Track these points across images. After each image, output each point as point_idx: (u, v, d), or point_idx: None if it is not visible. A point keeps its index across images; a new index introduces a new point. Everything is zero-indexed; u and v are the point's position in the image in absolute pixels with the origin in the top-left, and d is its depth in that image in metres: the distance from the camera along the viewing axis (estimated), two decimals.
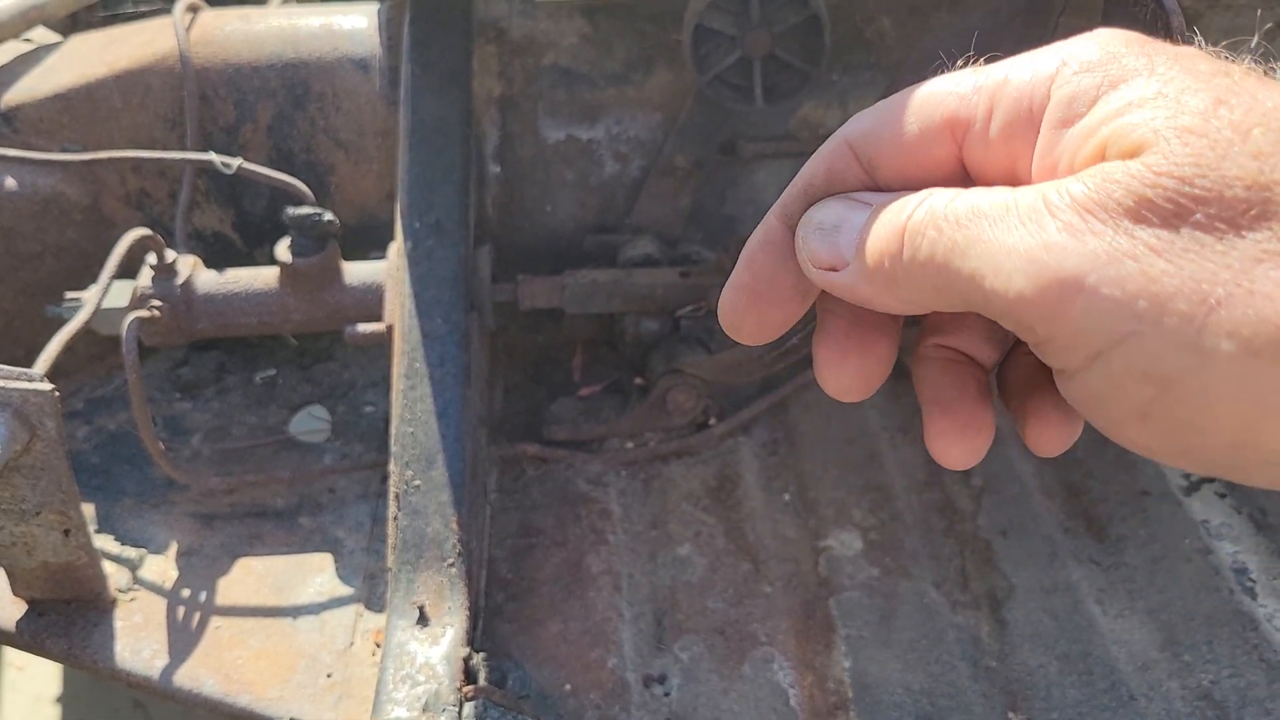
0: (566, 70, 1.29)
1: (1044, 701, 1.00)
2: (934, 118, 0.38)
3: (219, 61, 1.29)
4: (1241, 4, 1.29)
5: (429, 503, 1.00)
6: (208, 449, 1.25)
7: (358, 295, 1.18)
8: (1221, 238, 0.29)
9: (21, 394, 0.86)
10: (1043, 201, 0.32)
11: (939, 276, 0.34)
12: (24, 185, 1.25)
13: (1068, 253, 0.31)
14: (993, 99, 0.36)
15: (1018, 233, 0.32)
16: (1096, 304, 0.30)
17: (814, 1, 1.12)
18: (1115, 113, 0.32)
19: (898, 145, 0.39)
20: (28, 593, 1.02)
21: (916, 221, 0.35)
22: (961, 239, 0.33)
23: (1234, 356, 0.29)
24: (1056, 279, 0.31)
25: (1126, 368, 0.31)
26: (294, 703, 0.98)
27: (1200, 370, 0.29)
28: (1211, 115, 0.31)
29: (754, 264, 0.42)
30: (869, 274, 0.37)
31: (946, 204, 0.35)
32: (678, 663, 1.02)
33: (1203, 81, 0.32)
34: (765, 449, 1.26)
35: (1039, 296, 0.31)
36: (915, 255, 0.35)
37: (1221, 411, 0.30)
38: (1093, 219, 0.31)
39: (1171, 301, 0.29)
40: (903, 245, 0.35)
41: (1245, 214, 0.29)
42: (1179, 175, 0.30)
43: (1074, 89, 0.34)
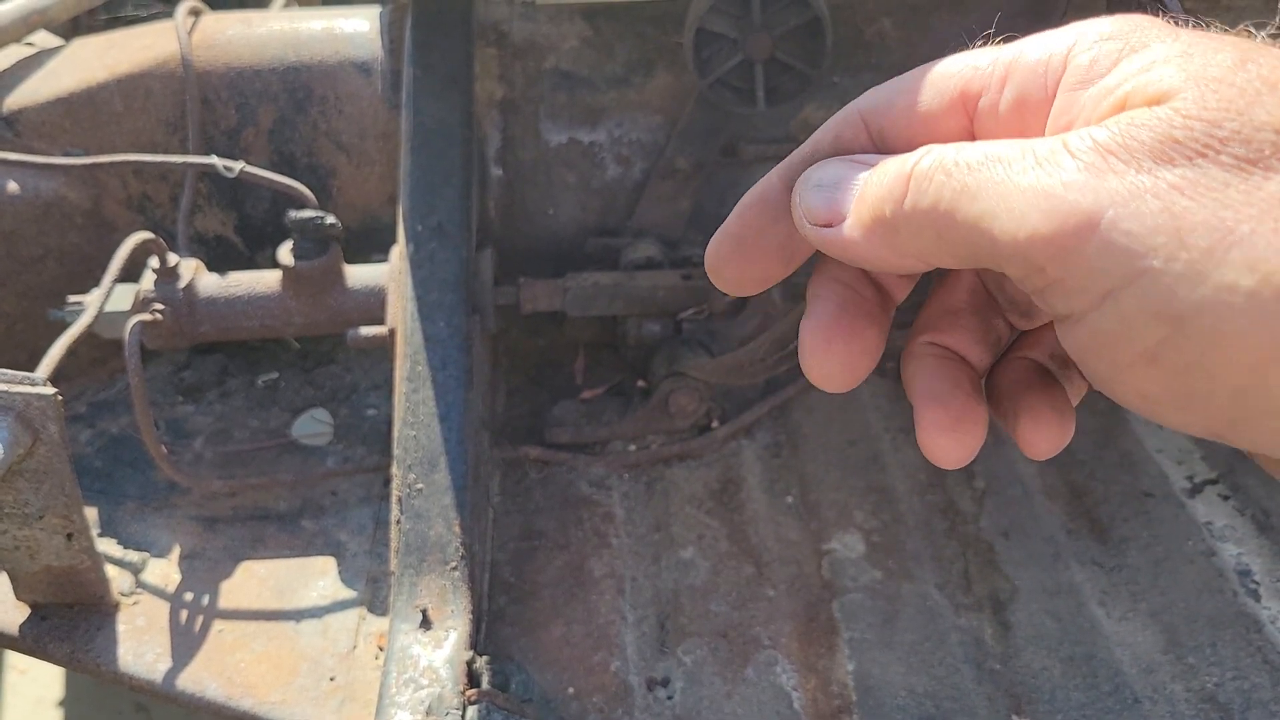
0: (568, 73, 1.29)
1: (1048, 704, 0.99)
2: (947, 90, 0.37)
3: (220, 65, 1.29)
4: (1243, 6, 1.29)
5: (431, 506, 1.00)
6: (210, 452, 1.25)
7: (360, 298, 1.18)
8: (1248, 178, 0.29)
9: (24, 398, 0.86)
10: (1062, 145, 0.31)
11: (943, 222, 0.33)
12: (26, 189, 1.25)
13: (1086, 189, 0.30)
14: (1008, 70, 0.36)
15: (1034, 173, 0.31)
16: (1114, 239, 0.30)
17: (815, 4, 1.12)
18: (1139, 70, 0.32)
19: (909, 116, 0.38)
20: (30, 596, 1.02)
21: (924, 167, 0.34)
22: (972, 181, 0.32)
23: (1252, 292, 0.28)
24: (1074, 213, 0.30)
25: (1139, 305, 0.30)
26: (297, 706, 0.98)
27: (1215, 306, 0.29)
28: (1239, 69, 0.31)
29: (745, 215, 0.41)
30: (867, 225, 0.36)
31: (957, 150, 0.34)
32: (681, 666, 1.02)
33: (1227, 44, 0.32)
34: (768, 451, 1.26)
35: (1054, 233, 0.30)
36: (919, 201, 0.34)
37: (1233, 351, 0.29)
38: (1115, 159, 0.30)
39: (1191, 235, 0.29)
40: (906, 190, 0.34)
41: (1274, 156, 0.29)
42: (1207, 118, 0.30)
43: (1094, 54, 0.34)
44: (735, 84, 1.18)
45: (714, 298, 1.21)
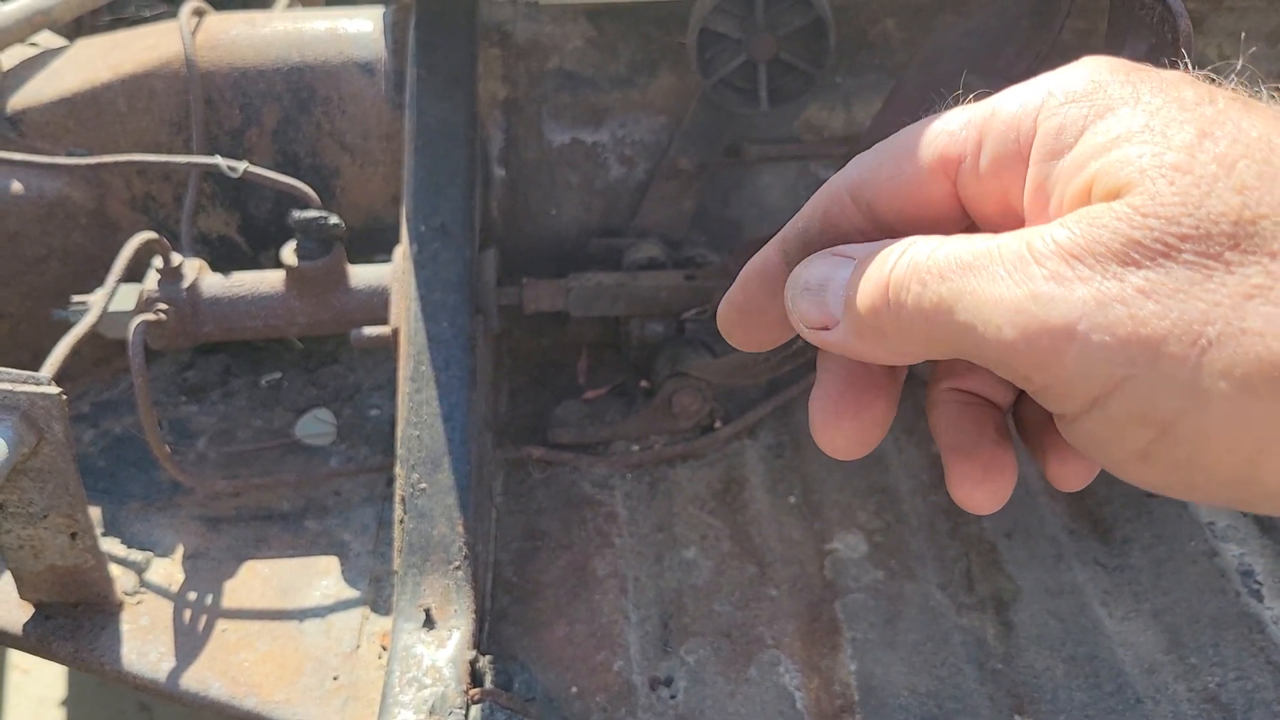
0: (571, 74, 1.29)
1: (1050, 704, 0.99)
2: (926, 157, 0.38)
3: (224, 65, 1.29)
4: (1245, 6, 1.29)
5: (435, 506, 1.00)
6: (213, 452, 1.25)
7: (363, 298, 1.18)
8: (1210, 275, 0.29)
9: (29, 397, 0.86)
10: (1027, 249, 0.32)
11: (928, 329, 0.34)
12: (30, 189, 1.25)
13: (1056, 302, 0.31)
14: (981, 133, 0.37)
15: (1003, 283, 0.32)
16: (1089, 351, 0.30)
17: (819, 4, 1.12)
18: (1103, 147, 0.32)
19: (894, 187, 0.39)
20: (34, 596, 1.02)
21: (899, 275, 0.35)
22: (947, 292, 0.33)
23: (1229, 396, 0.29)
24: (1046, 329, 0.31)
25: (1124, 412, 0.31)
26: (300, 705, 0.98)
27: (1197, 411, 0.30)
28: (1197, 149, 0.31)
29: (748, 288, 0.43)
30: (859, 330, 0.37)
31: (929, 255, 0.34)
32: (684, 665, 1.02)
33: (1188, 111, 0.32)
34: (771, 452, 1.26)
35: (1030, 347, 0.31)
36: (902, 310, 0.35)
37: (1221, 450, 0.30)
38: (1079, 265, 0.31)
39: (1163, 344, 0.29)
40: (888, 300, 0.35)
41: (1232, 249, 0.29)
42: (1165, 215, 0.30)
43: (1061, 120, 0.34)
44: (739, 84, 1.18)
45: (716, 298, 1.21)
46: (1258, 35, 1.30)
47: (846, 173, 0.41)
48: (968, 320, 0.33)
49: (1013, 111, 0.36)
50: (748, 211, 1.35)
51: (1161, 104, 0.32)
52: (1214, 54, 1.31)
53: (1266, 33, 1.30)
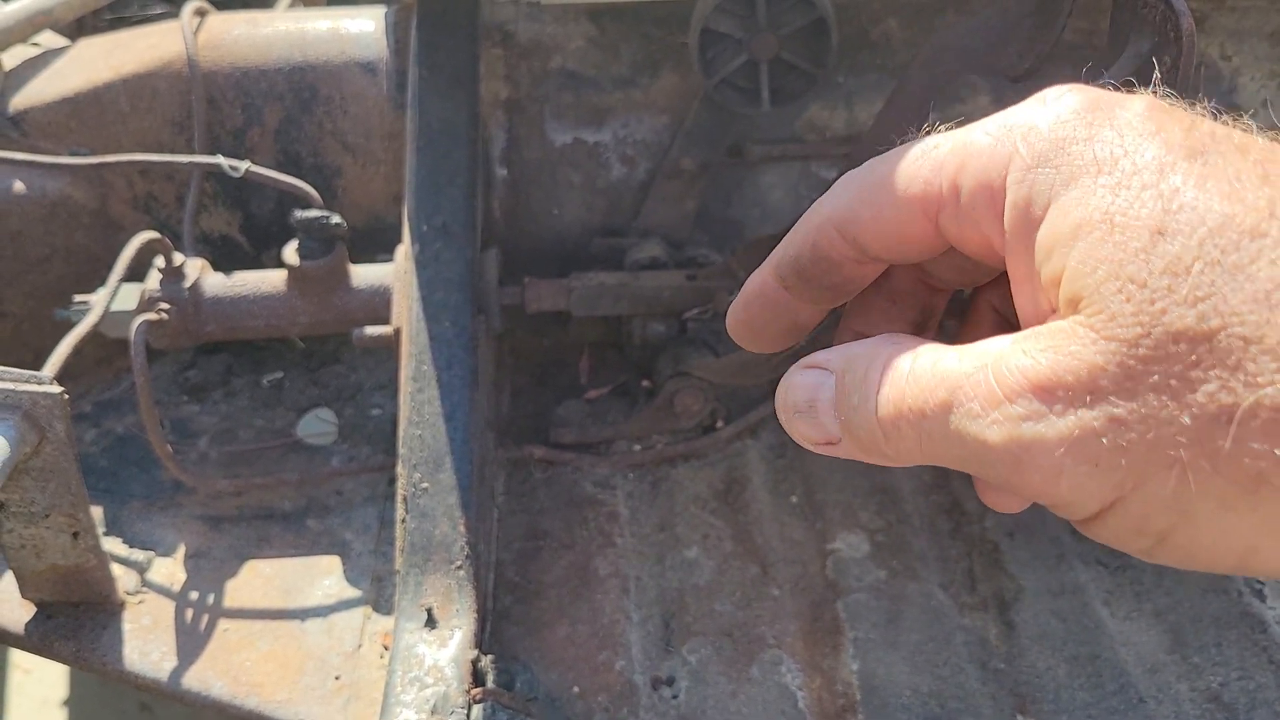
0: (573, 73, 1.29)
1: (1053, 704, 0.99)
2: (905, 198, 0.39)
3: (226, 65, 1.29)
4: (1247, 5, 1.29)
5: (437, 505, 1.00)
6: (215, 451, 1.25)
7: (365, 298, 1.18)
8: (1177, 395, 0.30)
9: (31, 397, 0.86)
10: (997, 384, 0.33)
11: (930, 459, 0.36)
12: (32, 189, 1.25)
13: (1037, 444, 0.32)
14: (954, 181, 0.37)
15: (984, 425, 0.33)
16: (1078, 482, 0.32)
17: (820, 4, 1.12)
18: (1068, 237, 0.33)
19: (878, 225, 0.40)
20: (36, 595, 1.02)
21: (886, 416, 0.37)
22: (937, 433, 0.35)
23: (1213, 512, 0.30)
24: (1036, 469, 0.32)
25: (1122, 526, 0.33)
26: (302, 705, 0.98)
27: (1186, 525, 0.31)
28: (1151, 253, 0.31)
29: (749, 309, 0.46)
30: (864, 453, 0.39)
31: (904, 388, 0.36)
32: (686, 665, 1.02)
33: (1149, 190, 0.32)
34: (772, 452, 1.26)
35: (1025, 484, 0.33)
36: (899, 445, 0.37)
37: (1215, 552, 0.32)
38: (1052, 399, 0.32)
39: (1145, 468, 0.31)
40: (883, 434, 0.37)
41: (1195, 367, 0.30)
42: (1124, 338, 0.31)
43: (1029, 190, 0.35)
44: (740, 84, 1.18)
45: (719, 298, 1.21)
46: (1259, 34, 1.30)
47: (831, 205, 0.42)
48: (961, 458, 0.35)
49: (982, 164, 0.36)
50: (750, 211, 1.35)
51: (1121, 176, 0.33)
52: (1216, 52, 1.31)
53: (1269, 32, 1.30)
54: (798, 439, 0.42)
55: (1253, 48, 1.31)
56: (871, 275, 0.44)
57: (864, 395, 0.37)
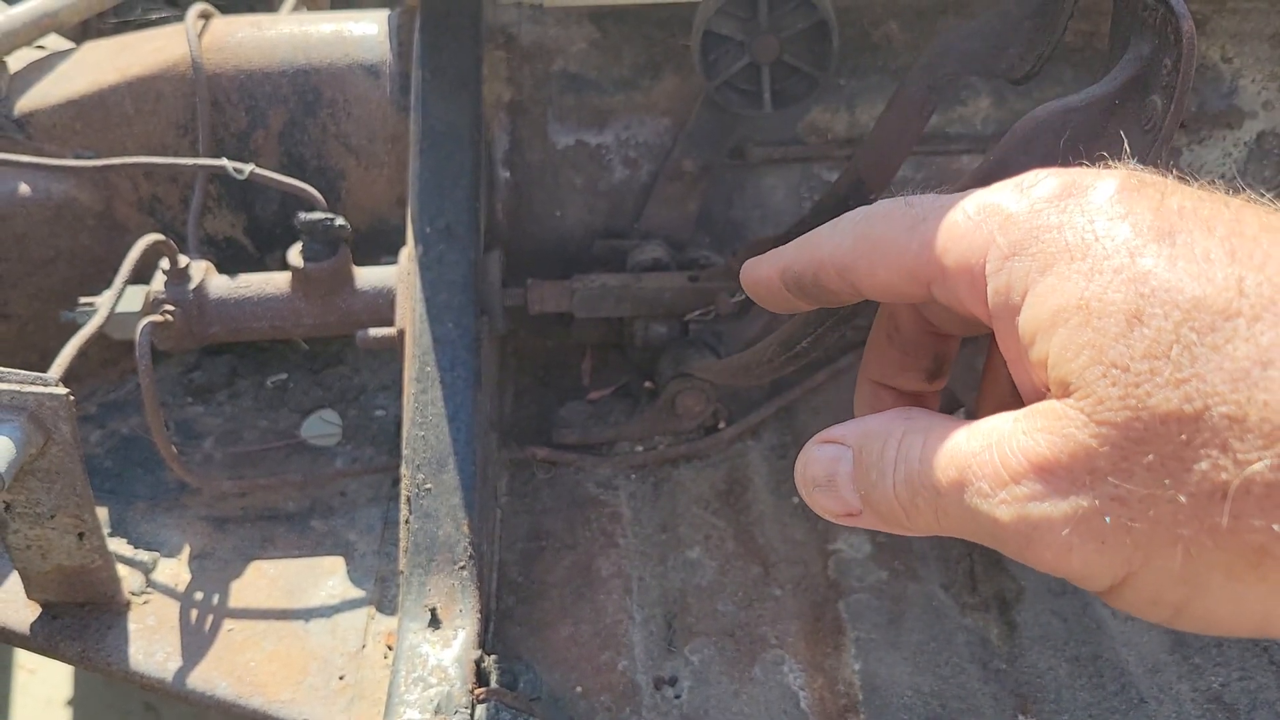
0: (575, 76, 1.29)
1: (1054, 704, 1.00)
2: (898, 265, 0.40)
3: (230, 68, 1.30)
4: (1248, 7, 1.29)
5: (440, 506, 1.01)
6: (220, 452, 1.26)
7: (369, 300, 1.19)
8: (1173, 475, 0.31)
9: (37, 398, 0.87)
10: (1002, 466, 0.34)
11: (949, 532, 0.38)
12: (37, 191, 1.26)
13: (1045, 525, 0.33)
14: (939, 266, 0.39)
15: (996, 505, 0.34)
16: (1089, 559, 0.33)
17: (822, 7, 1.13)
18: (1048, 324, 0.34)
19: (873, 279, 0.42)
20: (42, 596, 1.02)
21: (902, 495, 0.38)
22: (953, 510, 0.36)
23: (1224, 585, 0.31)
24: (1048, 548, 0.33)
25: (1139, 597, 0.33)
26: (306, 705, 0.98)
27: (1201, 597, 0.32)
28: (1129, 338, 0.32)
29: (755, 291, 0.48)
30: (885, 524, 0.40)
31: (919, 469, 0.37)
32: (688, 665, 1.03)
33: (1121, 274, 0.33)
34: (774, 452, 1.26)
35: (1040, 561, 0.34)
36: (919, 520, 0.38)
37: (1234, 620, 0.32)
38: (1054, 479, 0.33)
39: (1152, 546, 0.32)
40: (903, 511, 0.39)
41: (1186, 447, 0.31)
42: (1115, 421, 0.32)
43: (1007, 279, 0.36)
44: (742, 86, 1.19)
45: (720, 299, 1.21)
46: (1260, 37, 1.30)
47: (831, 248, 0.44)
48: (977, 534, 0.36)
49: (962, 251, 0.38)
50: (751, 213, 1.36)
51: (1094, 261, 0.33)
52: (1217, 55, 1.32)
53: (1269, 35, 1.30)
54: (818, 511, 0.43)
55: (1254, 50, 1.31)
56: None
57: (881, 472, 0.39)
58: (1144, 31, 0.54)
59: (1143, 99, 0.52)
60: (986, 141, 1.31)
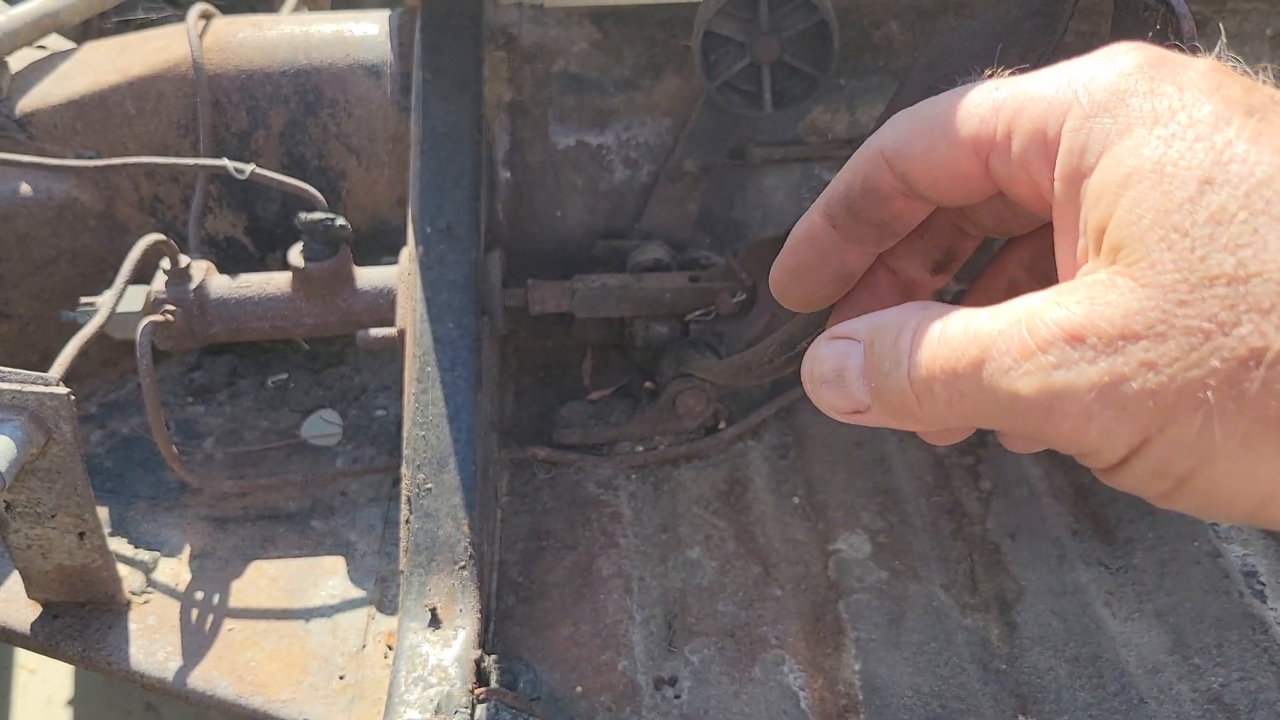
0: (576, 76, 1.29)
1: (1054, 704, 1.00)
2: (957, 138, 0.39)
3: (231, 68, 1.30)
4: (1249, 8, 1.29)
5: (441, 506, 1.01)
6: (220, 452, 1.26)
7: (370, 300, 1.19)
8: (1208, 338, 0.31)
9: (38, 398, 0.87)
10: (1029, 335, 0.34)
11: (958, 419, 0.37)
12: (39, 191, 1.26)
13: (1068, 391, 0.33)
14: (1010, 124, 0.38)
15: (1016, 378, 0.34)
16: (1106, 427, 0.33)
17: (822, 7, 1.13)
18: (1118, 186, 0.34)
19: (928, 161, 0.41)
20: (42, 595, 1.02)
21: (918, 379, 0.37)
22: (969, 390, 0.36)
23: (1234, 455, 0.31)
24: (1066, 416, 0.33)
25: (1145, 469, 0.33)
26: (307, 704, 0.99)
27: (1207, 468, 0.32)
28: (1198, 202, 0.32)
29: (796, 251, 0.46)
30: (893, 418, 0.40)
31: (937, 351, 0.37)
32: (688, 665, 1.03)
33: (1201, 141, 0.33)
34: (775, 453, 1.26)
35: (1056, 432, 0.34)
36: (931, 407, 0.37)
37: (1233, 497, 0.32)
38: (1083, 346, 0.33)
39: (1172, 411, 0.31)
40: (915, 399, 0.38)
41: (1229, 310, 0.31)
42: (1163, 284, 0.32)
43: (1085, 139, 0.35)
44: (743, 87, 1.19)
45: (721, 299, 1.21)
46: (1260, 37, 1.30)
47: (884, 137, 0.42)
48: (992, 413, 0.35)
49: (1040, 111, 0.37)
50: (752, 214, 1.36)
51: (1177, 129, 0.33)
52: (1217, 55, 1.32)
53: (1270, 35, 1.30)
54: (825, 409, 0.42)
55: (1254, 50, 1.31)
56: (918, 217, 0.44)
57: (895, 360, 0.38)
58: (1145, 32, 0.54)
59: None
60: None
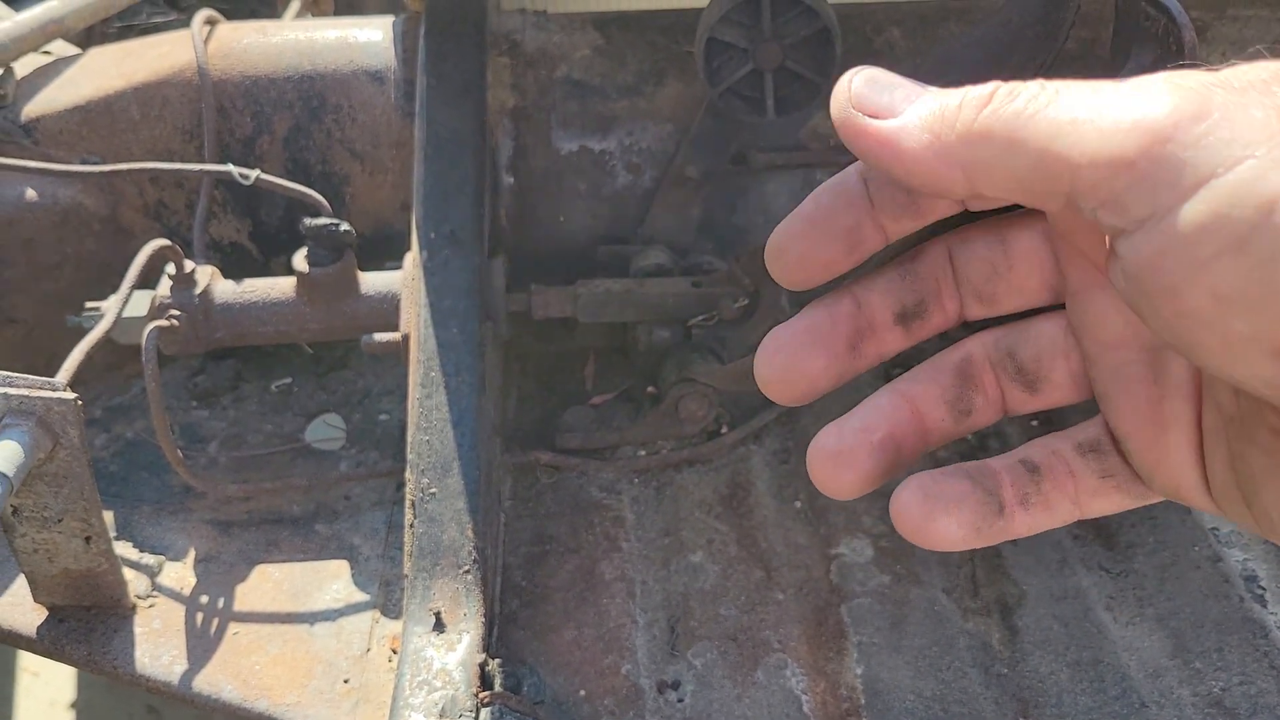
0: (579, 82, 1.30)
1: (1055, 709, 1.00)
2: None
3: (236, 74, 1.31)
4: (1248, 15, 1.30)
5: (445, 510, 1.01)
6: (224, 456, 1.26)
7: (374, 305, 1.19)
8: None
9: (45, 403, 0.87)
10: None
11: (1010, 140, 0.32)
12: (44, 196, 1.26)
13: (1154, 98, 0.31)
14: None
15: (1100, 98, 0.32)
16: (1216, 135, 0.30)
17: (825, 13, 1.13)
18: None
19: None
20: (48, 599, 1.03)
21: (980, 122, 0.33)
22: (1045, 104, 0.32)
23: None
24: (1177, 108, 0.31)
25: (1236, 193, 0.29)
26: (311, 708, 0.99)
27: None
28: None
29: (820, 198, 0.41)
30: (924, 125, 0.35)
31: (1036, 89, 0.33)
32: (691, 669, 1.03)
33: None
34: (776, 457, 1.27)
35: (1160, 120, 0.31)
36: (996, 118, 0.33)
37: None
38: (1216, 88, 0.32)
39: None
40: (979, 109, 0.33)
41: None
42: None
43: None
44: (745, 93, 1.19)
45: (723, 305, 1.22)
46: (1261, 44, 1.31)
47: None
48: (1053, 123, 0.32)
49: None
50: (754, 219, 1.36)
51: None
52: (1217, 62, 1.32)
53: (1270, 41, 1.31)
54: (842, 99, 0.38)
55: (1254, 57, 1.31)
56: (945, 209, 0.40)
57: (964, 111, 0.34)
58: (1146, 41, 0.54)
59: None
60: None
